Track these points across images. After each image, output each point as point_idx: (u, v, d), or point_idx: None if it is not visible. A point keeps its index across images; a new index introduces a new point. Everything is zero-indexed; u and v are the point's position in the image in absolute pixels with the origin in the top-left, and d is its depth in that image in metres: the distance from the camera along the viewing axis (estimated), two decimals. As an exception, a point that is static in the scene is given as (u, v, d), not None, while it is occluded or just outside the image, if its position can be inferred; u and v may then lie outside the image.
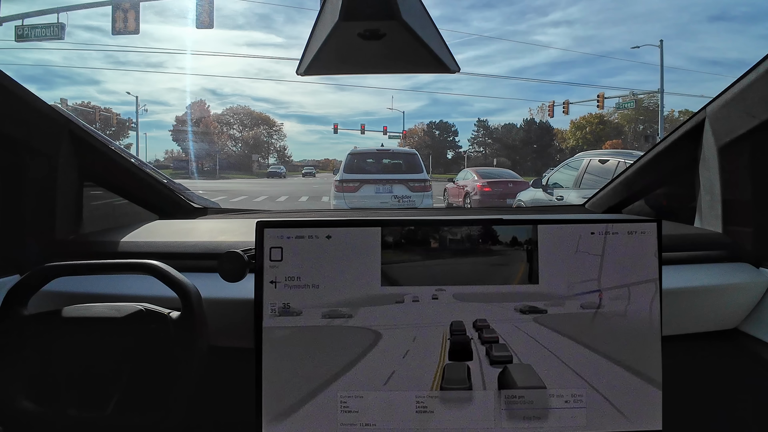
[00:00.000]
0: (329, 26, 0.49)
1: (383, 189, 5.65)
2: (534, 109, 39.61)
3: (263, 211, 1.25)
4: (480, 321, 0.54)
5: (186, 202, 1.06)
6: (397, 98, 69.80)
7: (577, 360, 0.54)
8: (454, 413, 0.53)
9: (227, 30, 54.93)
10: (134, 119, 29.30)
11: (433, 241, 0.56)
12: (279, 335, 0.54)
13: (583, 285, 0.55)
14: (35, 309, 0.58)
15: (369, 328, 0.54)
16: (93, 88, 56.80)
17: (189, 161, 32.58)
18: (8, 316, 0.56)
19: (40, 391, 0.54)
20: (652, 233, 0.56)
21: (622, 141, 32.30)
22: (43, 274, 0.57)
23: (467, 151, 41.16)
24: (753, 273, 0.72)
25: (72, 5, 13.20)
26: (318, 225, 0.56)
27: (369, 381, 0.54)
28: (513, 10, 63.33)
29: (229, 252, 0.55)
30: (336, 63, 0.60)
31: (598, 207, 1.10)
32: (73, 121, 0.79)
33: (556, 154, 36.28)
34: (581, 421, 0.53)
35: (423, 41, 0.52)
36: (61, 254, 0.70)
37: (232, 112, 42.88)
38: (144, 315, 0.56)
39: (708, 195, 0.81)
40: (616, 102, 21.80)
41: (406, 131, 33.97)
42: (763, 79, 0.68)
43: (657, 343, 0.55)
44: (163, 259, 0.59)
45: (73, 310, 0.57)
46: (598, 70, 51.77)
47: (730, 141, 0.75)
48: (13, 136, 0.68)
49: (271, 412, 0.53)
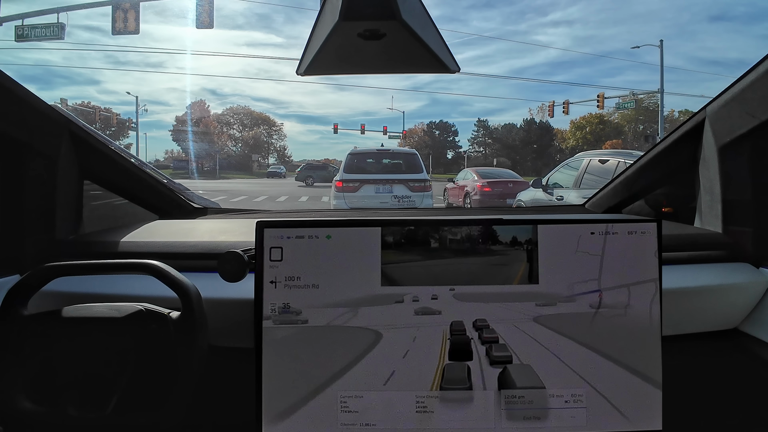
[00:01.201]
0: (329, 26, 0.49)
1: (383, 189, 5.65)
2: (534, 109, 39.62)
3: (263, 211, 1.25)
4: (480, 321, 0.54)
5: (186, 202, 1.06)
6: (397, 98, 69.76)
7: (577, 360, 0.54)
8: (454, 413, 0.53)
9: (227, 30, 54.88)
10: (134, 119, 29.30)
11: (433, 241, 0.56)
12: (279, 335, 0.54)
13: (583, 285, 0.55)
14: (35, 309, 0.58)
15: (369, 328, 0.54)
16: (93, 88, 56.76)
17: (189, 161, 32.55)
18: (8, 316, 0.56)
19: (40, 391, 0.54)
20: (652, 233, 0.56)
21: (622, 141, 32.29)
22: (43, 274, 0.57)
23: (467, 151, 41.17)
24: (753, 273, 0.72)
25: (72, 5, 13.19)
26: (318, 225, 0.56)
27: (369, 381, 0.54)
28: (513, 10, 63.27)
29: (229, 252, 0.55)
30: (336, 63, 0.60)
31: (598, 207, 1.10)
32: (73, 121, 0.79)
33: (556, 154, 36.26)
34: (581, 421, 0.53)
35: (423, 41, 0.52)
36: (61, 254, 0.70)
37: (232, 112, 42.89)
38: (144, 315, 0.56)
39: (708, 195, 0.81)
40: (616, 102, 21.79)
41: (406, 131, 33.96)
42: (763, 79, 0.68)
43: (657, 343, 0.55)
44: (163, 259, 0.59)
45: (73, 310, 0.57)
46: (598, 70, 51.72)
47: (730, 141, 0.75)
48: (13, 136, 0.68)
49: (271, 412, 0.53)
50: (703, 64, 50.23)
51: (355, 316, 0.55)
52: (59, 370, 0.55)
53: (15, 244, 0.71)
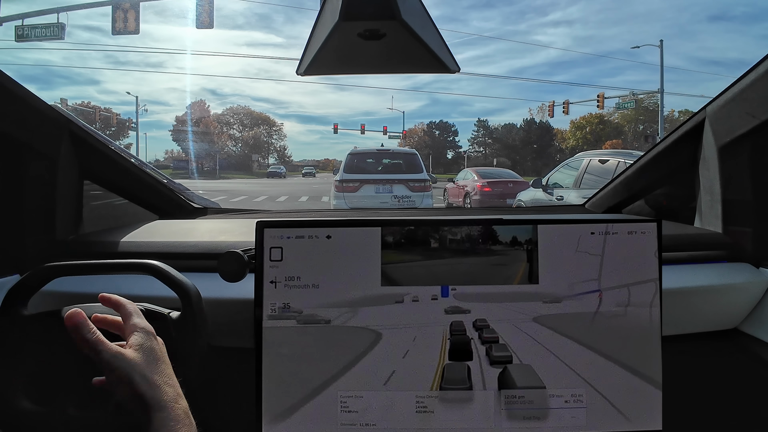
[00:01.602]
0: (329, 26, 0.49)
1: (383, 189, 5.65)
2: (534, 109, 39.62)
3: (263, 211, 1.25)
4: (480, 321, 0.54)
5: (186, 202, 1.06)
6: (397, 98, 69.83)
7: (577, 360, 0.54)
8: (454, 413, 0.53)
9: (227, 30, 54.94)
10: (134, 119, 29.29)
11: (433, 241, 0.56)
12: (279, 335, 0.54)
13: (583, 285, 0.55)
14: (35, 309, 0.58)
15: (369, 328, 0.54)
16: (93, 88, 56.81)
17: (189, 161, 32.56)
18: (8, 316, 0.56)
19: (40, 391, 0.54)
20: (652, 233, 0.56)
21: (622, 141, 32.29)
22: (43, 274, 0.57)
23: (467, 151, 41.16)
24: (753, 273, 0.72)
25: (72, 5, 13.19)
26: (318, 225, 0.56)
27: (369, 381, 0.54)
28: (512, 9, 63.33)
29: (229, 252, 0.55)
30: (336, 63, 0.60)
31: (598, 207, 1.10)
32: (73, 121, 0.79)
33: (556, 154, 36.25)
34: (581, 421, 0.53)
35: (423, 41, 0.52)
36: (61, 254, 0.70)
37: (232, 112, 42.90)
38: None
39: (708, 195, 0.81)
40: (616, 102, 21.78)
41: (406, 131, 33.96)
42: (763, 79, 0.68)
43: (657, 343, 0.55)
44: (163, 259, 0.59)
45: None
46: (598, 70, 51.73)
47: (730, 141, 0.75)
48: (14, 137, 0.68)
49: (271, 412, 0.53)
50: (703, 64, 50.30)
51: (355, 316, 0.55)
52: (59, 370, 0.55)
53: (15, 244, 0.71)
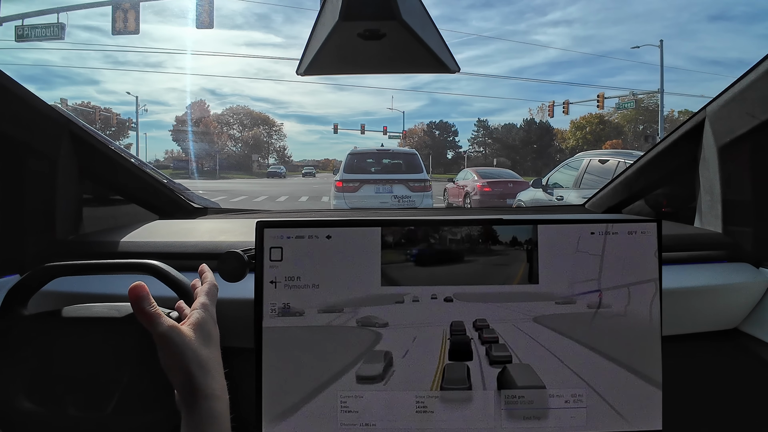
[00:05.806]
0: (329, 26, 0.49)
1: (383, 189, 5.65)
2: (534, 109, 39.65)
3: (263, 211, 1.25)
4: (480, 321, 0.54)
5: (186, 202, 1.06)
6: (397, 98, 69.82)
7: (576, 360, 0.54)
8: (454, 413, 0.53)
9: (226, 30, 54.98)
10: (134, 119, 29.30)
11: (433, 241, 0.56)
12: (279, 335, 0.54)
13: (583, 285, 0.55)
14: (35, 309, 0.58)
15: (369, 328, 0.54)
16: (93, 88, 56.85)
17: (189, 161, 32.58)
18: (8, 316, 0.56)
19: (40, 391, 0.54)
20: (652, 233, 0.56)
21: (622, 141, 32.29)
22: (42, 274, 0.57)
23: (467, 151, 41.16)
24: (753, 273, 0.72)
25: (72, 5, 13.19)
26: (318, 225, 0.56)
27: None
28: (512, 9, 63.38)
29: (229, 252, 0.55)
30: (336, 63, 0.60)
31: (598, 207, 1.10)
32: (73, 121, 0.79)
33: (556, 154, 36.26)
34: (581, 421, 0.53)
35: (423, 41, 0.52)
36: (61, 254, 0.70)
37: (231, 112, 42.90)
38: None
39: (708, 195, 0.81)
40: (616, 102, 21.78)
41: (406, 131, 33.98)
42: (763, 79, 0.68)
43: (657, 343, 0.55)
44: (163, 259, 0.59)
45: (73, 310, 0.57)
46: (598, 70, 51.80)
47: (730, 141, 0.75)
48: (13, 137, 0.68)
49: (271, 412, 0.53)
50: (703, 63, 50.31)
51: (355, 316, 0.55)
52: (59, 370, 0.55)
53: (15, 244, 0.71)
